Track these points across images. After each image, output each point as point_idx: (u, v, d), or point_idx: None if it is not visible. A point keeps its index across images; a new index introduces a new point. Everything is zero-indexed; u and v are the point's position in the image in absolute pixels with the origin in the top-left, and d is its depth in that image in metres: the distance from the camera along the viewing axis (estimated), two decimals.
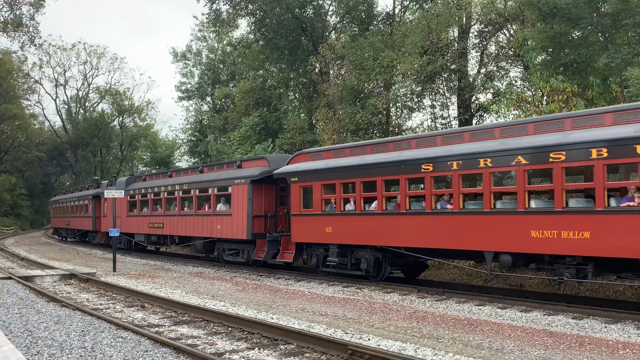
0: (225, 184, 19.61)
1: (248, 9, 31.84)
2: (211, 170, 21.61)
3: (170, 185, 23.26)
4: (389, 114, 25.12)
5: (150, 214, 24.90)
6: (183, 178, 23.03)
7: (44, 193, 74.34)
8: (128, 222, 26.90)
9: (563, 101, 15.89)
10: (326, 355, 7.72)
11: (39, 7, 42.14)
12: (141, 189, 25.88)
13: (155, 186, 24.48)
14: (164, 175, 25.29)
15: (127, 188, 26.83)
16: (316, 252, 16.69)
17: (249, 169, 19.01)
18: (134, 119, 70.03)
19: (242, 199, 18.55)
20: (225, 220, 19.47)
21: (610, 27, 16.78)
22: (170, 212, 23.29)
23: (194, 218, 21.41)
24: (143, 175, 26.95)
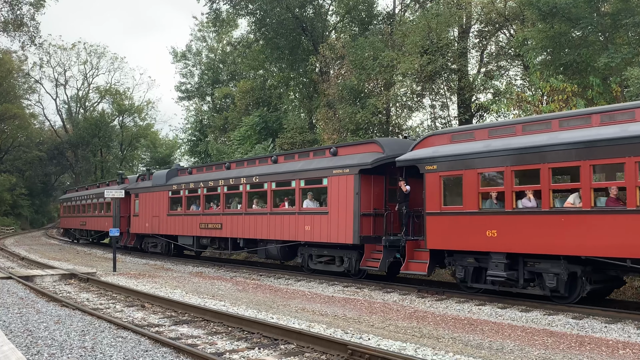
0: (318, 175, 16.20)
1: (248, 9, 31.86)
2: (289, 159, 18.15)
3: (232, 178, 19.65)
4: (389, 113, 25.12)
5: (202, 213, 21.30)
6: (251, 169, 19.31)
7: (44, 193, 74.41)
8: (169, 222, 23.44)
9: (563, 101, 15.90)
10: (326, 355, 7.72)
11: (39, 7, 42.16)
12: (189, 183, 22.26)
13: (210, 180, 20.85)
14: (218, 167, 21.69)
15: (169, 182, 23.54)
16: (463, 262, 12.85)
17: (353, 155, 15.57)
18: (134, 118, 70.12)
19: (344, 194, 15.19)
20: (317, 220, 16.08)
21: (610, 26, 16.78)
22: (231, 211, 19.82)
23: (268, 217, 17.97)
24: (189, 168, 23.58)
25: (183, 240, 22.98)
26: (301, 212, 16.75)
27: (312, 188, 16.76)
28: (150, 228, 24.79)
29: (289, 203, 17.57)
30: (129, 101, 69.39)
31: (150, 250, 26.09)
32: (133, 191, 26.61)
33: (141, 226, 25.60)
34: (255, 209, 18.78)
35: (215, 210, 20.68)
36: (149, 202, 25.00)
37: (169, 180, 23.78)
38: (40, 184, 71.89)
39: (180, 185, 22.74)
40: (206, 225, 21.03)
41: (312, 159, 16.98)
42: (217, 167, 21.91)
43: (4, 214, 59.04)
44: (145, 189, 25.47)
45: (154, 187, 24.63)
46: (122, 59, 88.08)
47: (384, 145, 15.03)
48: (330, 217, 15.67)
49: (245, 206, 19.11)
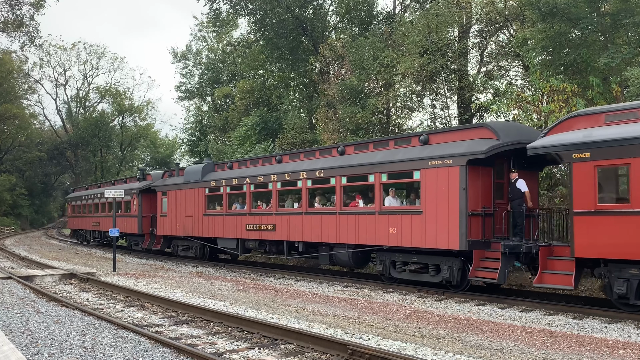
0: (406, 167, 13.69)
1: (248, 9, 31.87)
2: (362, 149, 15.52)
3: (289, 172, 17.19)
4: (389, 113, 25.13)
5: (249, 213, 18.83)
6: (312, 163, 16.75)
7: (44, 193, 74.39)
8: (206, 223, 20.95)
9: (563, 101, 15.90)
10: (326, 355, 7.72)
11: (39, 7, 42.15)
12: (231, 179, 19.68)
13: (259, 175, 18.35)
14: (266, 161, 19.08)
15: (206, 178, 21.06)
16: (624, 274, 10.38)
17: (455, 144, 12.99)
18: (134, 118, 70.18)
19: (445, 189, 12.75)
20: (406, 222, 13.60)
21: (610, 26, 16.78)
22: (287, 210, 17.37)
23: (336, 218, 15.46)
24: (228, 162, 20.95)
25: (224, 243, 20.31)
26: (383, 212, 14.15)
27: (398, 183, 14.44)
28: (182, 229, 22.33)
29: (365, 201, 15.24)
30: (129, 101, 69.46)
31: (181, 254, 23.57)
32: (160, 189, 24.12)
33: (170, 227, 23.20)
34: (318, 208, 16.33)
35: (266, 209, 18.22)
36: (180, 200, 22.51)
37: (206, 175, 21.14)
38: (40, 184, 71.92)
39: (220, 181, 20.15)
40: (254, 226, 18.51)
41: (394, 149, 14.39)
42: (265, 160, 19.21)
43: (4, 214, 59.07)
44: (176, 186, 22.96)
45: (186, 184, 22.07)
46: (122, 59, 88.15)
47: (498, 131, 12.54)
48: (425, 217, 13.10)
49: (305, 205, 16.56)
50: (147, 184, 25.70)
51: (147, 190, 25.59)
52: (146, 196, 25.79)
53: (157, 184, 24.54)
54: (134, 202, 26.39)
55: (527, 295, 13.25)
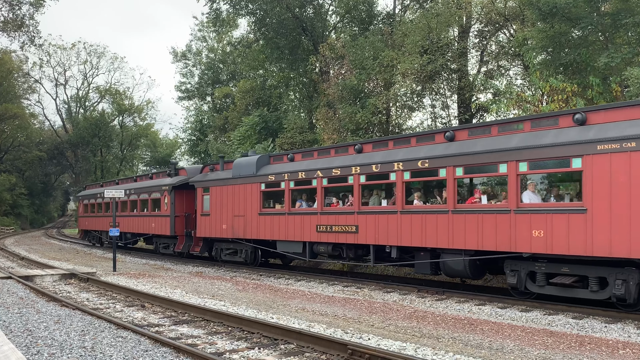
0: (560, 153, 10.89)
1: (248, 9, 31.88)
2: (477, 134, 12.70)
3: (376, 164, 14.43)
4: (389, 113, 25.13)
5: (320, 212, 16.14)
6: (409, 152, 13.89)
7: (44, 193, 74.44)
8: (261, 223, 18.37)
9: (563, 101, 15.91)
10: (326, 354, 7.72)
11: (38, 6, 42.16)
12: (296, 173, 17.00)
13: (334, 167, 15.69)
14: (341, 151, 16.40)
15: (261, 172, 18.52)
16: None
17: (631, 122, 10.25)
18: (134, 118, 70.21)
19: (625, 181, 10.11)
20: (560, 222, 10.82)
21: (610, 26, 16.78)
22: (375, 208, 14.76)
23: (448, 218, 12.72)
24: (288, 153, 18.39)
25: (286, 247, 17.65)
26: (522, 210, 11.38)
27: (546, 174, 11.94)
28: (231, 231, 19.69)
29: (489, 197, 12.89)
30: (129, 101, 69.48)
31: (225, 259, 20.91)
32: (200, 184, 21.55)
33: (214, 228, 20.60)
34: (419, 206, 13.67)
35: (345, 207, 15.63)
36: (227, 197, 19.96)
37: (261, 169, 18.67)
38: (40, 184, 71.98)
39: (281, 175, 17.52)
40: (328, 227, 15.83)
41: (534, 132, 11.61)
42: (339, 150, 16.52)
43: (4, 214, 59.11)
44: (221, 181, 20.32)
45: (235, 179, 19.51)
46: (122, 58, 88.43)
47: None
48: (591, 217, 10.41)
49: (400, 202, 13.80)
50: (182, 179, 23.08)
51: (181, 186, 23.02)
52: (179, 193, 23.19)
53: (197, 180, 21.85)
54: (164, 200, 23.49)
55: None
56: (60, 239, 45.38)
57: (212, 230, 20.77)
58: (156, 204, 24.64)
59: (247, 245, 19.63)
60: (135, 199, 27.02)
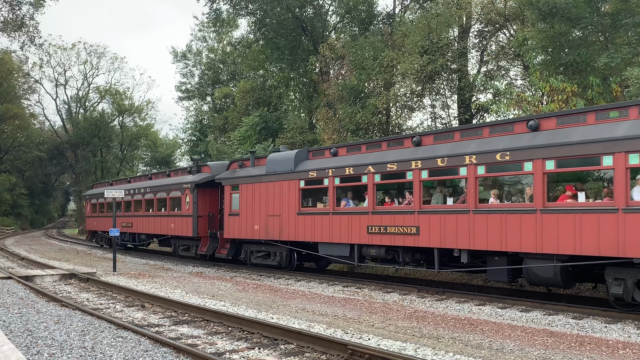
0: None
1: (248, 9, 31.91)
2: (568, 123, 11.38)
3: (442, 157, 12.92)
4: (389, 113, 25.14)
5: (371, 211, 14.53)
6: (483, 143, 12.44)
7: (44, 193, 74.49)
8: (300, 223, 16.80)
9: (563, 101, 15.91)
10: (326, 355, 7.72)
11: (38, 6, 42.18)
12: (342, 169, 15.46)
13: (389, 162, 14.11)
14: (395, 144, 14.79)
15: (300, 168, 17.05)
16: None
17: None
18: (134, 118, 70.17)
19: None
20: None
21: (610, 26, 16.80)
22: (441, 208, 13.12)
23: (536, 217, 11.25)
24: (331, 147, 16.83)
25: (329, 249, 16.05)
26: (633, 209, 9.92)
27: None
28: (264, 232, 18.21)
29: (595, 194, 11.56)
30: (129, 101, 69.48)
31: (256, 262, 19.28)
32: (228, 182, 19.94)
33: (244, 229, 19.08)
34: (496, 205, 12.18)
35: (404, 207, 14.01)
36: (260, 196, 18.47)
37: (300, 164, 17.17)
38: (40, 184, 72.02)
39: (324, 171, 15.99)
40: (382, 228, 14.20)
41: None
42: (392, 143, 14.95)
43: (4, 214, 59.16)
44: (253, 178, 18.80)
45: (269, 176, 18.02)
46: (122, 59, 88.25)
47: None
48: None
49: (473, 201, 12.26)
50: (206, 176, 21.38)
51: (205, 184, 21.41)
52: (202, 191, 21.62)
53: (225, 177, 20.29)
54: (186, 199, 21.95)
55: (527, 295, 13.25)
56: (60, 239, 45.38)
57: (242, 231, 19.26)
58: (176, 203, 23.20)
59: (282, 248, 18.02)
60: (151, 198, 25.48)
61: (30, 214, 71.68)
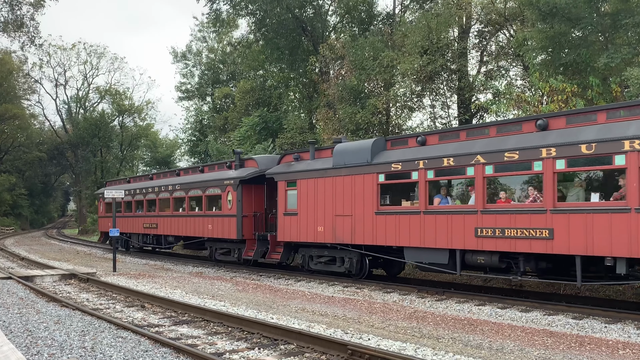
0: None
1: (248, 9, 31.91)
2: None
3: (588, 143, 10.58)
4: (389, 113, 25.14)
5: (481, 210, 12.23)
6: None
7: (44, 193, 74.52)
8: (379, 224, 14.45)
9: (563, 101, 15.91)
10: (326, 355, 7.72)
11: (38, 6, 42.18)
12: (438, 159, 13.15)
13: (507, 150, 11.83)
14: (508, 129, 12.49)
15: (378, 160, 14.70)
16: None
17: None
18: (134, 118, 70.16)
19: None
20: None
21: (610, 27, 16.79)
22: (578, 206, 10.94)
23: None
24: (418, 135, 14.32)
25: (420, 255, 13.63)
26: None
27: None
28: (331, 234, 15.91)
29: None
30: (129, 101, 69.47)
31: (316, 268, 17.08)
32: (283, 177, 17.65)
33: (304, 230, 16.85)
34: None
35: (528, 205, 11.73)
36: (324, 192, 16.23)
37: (378, 155, 14.82)
38: (40, 184, 72.06)
39: (412, 163, 13.67)
40: (497, 231, 11.86)
41: None
42: (503, 128, 12.59)
43: (4, 214, 59.19)
44: (315, 172, 16.53)
45: (338, 169, 15.71)
46: (122, 59, 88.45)
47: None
48: None
49: (638, 196, 9.95)
50: (253, 171, 19.02)
51: (249, 180, 19.19)
52: (247, 188, 19.40)
53: (278, 171, 17.96)
54: (227, 197, 19.57)
55: (527, 295, 13.25)
56: (60, 239, 45.40)
57: (302, 232, 16.89)
58: (214, 201, 20.75)
59: (352, 253, 15.75)
60: (181, 196, 22.88)
61: (30, 214, 71.69)
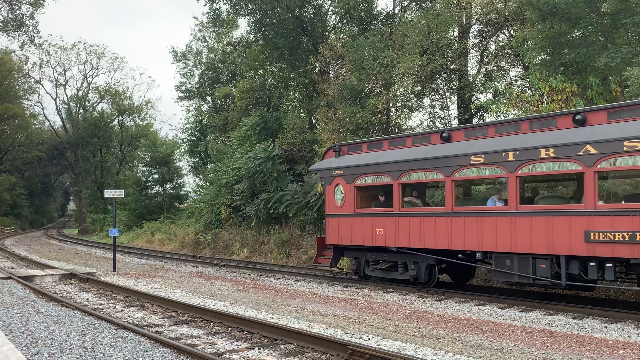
0: None
1: (248, 9, 31.87)
2: None
3: None
4: (389, 113, 25.13)
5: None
6: None
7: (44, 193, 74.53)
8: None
9: (562, 101, 15.91)
10: (326, 355, 7.72)
11: (38, 6, 42.16)
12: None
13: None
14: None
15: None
16: None
17: None
18: (133, 118, 70.19)
19: None
20: None
21: (610, 26, 16.78)
22: None
23: None
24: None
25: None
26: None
27: None
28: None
29: None
30: (129, 101, 69.48)
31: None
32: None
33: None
34: None
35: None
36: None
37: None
38: (40, 184, 72.10)
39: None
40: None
41: None
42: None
43: (4, 214, 59.21)
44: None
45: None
46: (122, 58, 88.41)
47: None
48: None
49: None
50: None
51: None
52: None
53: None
54: None
55: (527, 295, 13.25)
56: (60, 239, 45.39)
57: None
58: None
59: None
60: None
61: (30, 214, 71.68)
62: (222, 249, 27.58)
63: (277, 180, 25.94)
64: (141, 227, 42.99)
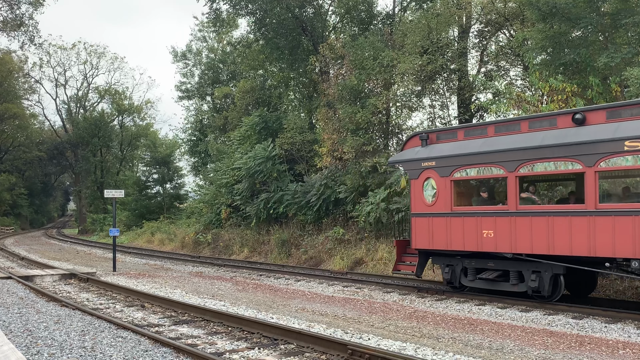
0: None
1: (248, 9, 31.88)
2: None
3: None
4: (389, 113, 25.13)
5: None
6: None
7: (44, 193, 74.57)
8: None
9: (562, 101, 15.91)
10: (326, 355, 7.72)
11: (38, 5, 42.16)
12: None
13: None
14: None
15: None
16: None
17: None
18: (133, 118, 70.17)
19: None
20: None
21: (610, 26, 16.78)
22: None
23: None
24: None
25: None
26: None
27: None
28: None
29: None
30: (129, 101, 69.46)
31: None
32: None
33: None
34: None
35: None
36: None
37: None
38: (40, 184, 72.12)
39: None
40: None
41: None
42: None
43: (4, 214, 59.24)
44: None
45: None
46: (122, 58, 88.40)
47: None
48: None
49: None
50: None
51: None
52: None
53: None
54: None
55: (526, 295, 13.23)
56: (60, 239, 45.39)
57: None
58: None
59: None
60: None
61: (30, 213, 71.69)
62: (222, 248, 27.60)
63: (277, 180, 25.96)
64: (141, 227, 42.99)
